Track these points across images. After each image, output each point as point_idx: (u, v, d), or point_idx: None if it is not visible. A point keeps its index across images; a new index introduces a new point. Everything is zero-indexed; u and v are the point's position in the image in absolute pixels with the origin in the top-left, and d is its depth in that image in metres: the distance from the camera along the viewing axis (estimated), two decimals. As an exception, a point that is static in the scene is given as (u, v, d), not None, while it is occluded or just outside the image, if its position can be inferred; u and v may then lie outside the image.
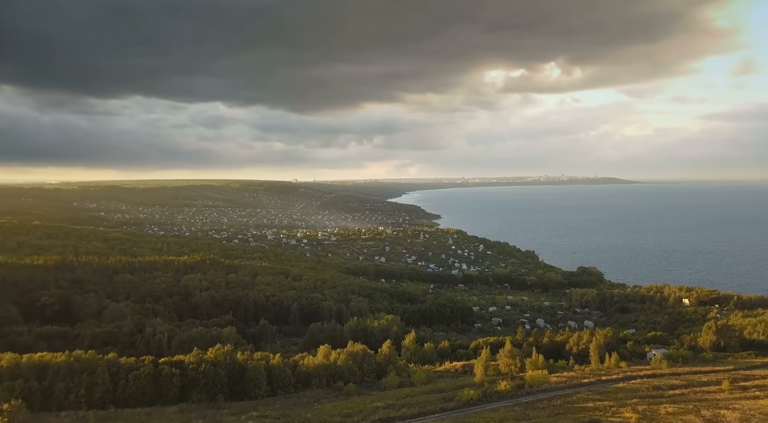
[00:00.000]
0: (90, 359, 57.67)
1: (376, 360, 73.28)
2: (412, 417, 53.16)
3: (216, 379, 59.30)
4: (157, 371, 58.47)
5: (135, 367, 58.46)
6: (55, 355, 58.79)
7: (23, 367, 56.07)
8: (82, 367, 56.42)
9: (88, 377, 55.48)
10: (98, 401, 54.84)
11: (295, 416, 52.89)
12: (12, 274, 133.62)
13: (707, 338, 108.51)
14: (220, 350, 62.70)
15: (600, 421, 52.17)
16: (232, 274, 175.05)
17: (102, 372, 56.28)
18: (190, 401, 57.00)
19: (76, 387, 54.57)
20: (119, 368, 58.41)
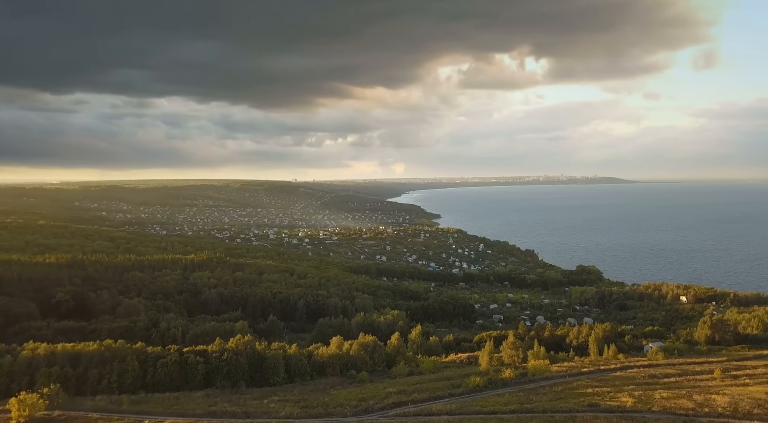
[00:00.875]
0: (120, 348, 61.36)
1: (386, 351, 77.06)
2: (422, 401, 56.87)
3: (238, 367, 63.01)
4: (182, 359, 62.15)
5: (162, 355, 62.14)
6: (87, 344, 62.50)
7: (58, 355, 59.73)
8: (112, 355, 60.07)
9: (119, 364, 59.20)
10: (129, 386, 58.57)
11: (314, 400, 56.65)
12: (27, 272, 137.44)
13: (702, 332, 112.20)
14: (240, 340, 66.45)
15: (598, 404, 55.87)
16: (238, 272, 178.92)
17: (132, 360, 59.99)
18: (215, 387, 60.73)
19: (108, 373, 58.28)
20: (147, 356, 62.09)
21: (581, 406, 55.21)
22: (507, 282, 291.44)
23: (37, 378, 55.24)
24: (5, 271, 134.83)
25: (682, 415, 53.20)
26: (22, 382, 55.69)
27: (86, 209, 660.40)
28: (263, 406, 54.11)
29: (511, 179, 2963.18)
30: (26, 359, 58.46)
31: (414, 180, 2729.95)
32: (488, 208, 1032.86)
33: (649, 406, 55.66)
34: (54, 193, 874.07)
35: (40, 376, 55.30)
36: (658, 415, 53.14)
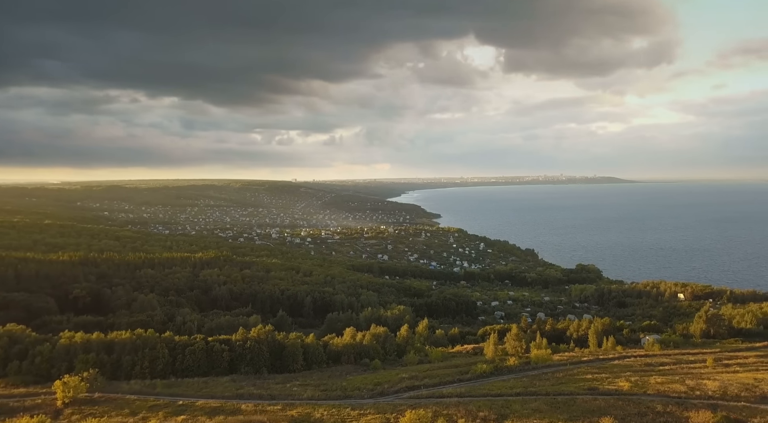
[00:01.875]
0: (150, 337, 65.38)
1: (396, 341, 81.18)
2: (433, 385, 61.00)
3: (260, 355, 67.05)
4: (208, 347, 66.19)
5: (189, 343, 66.17)
6: (119, 333, 66.55)
7: (93, 343, 63.74)
8: (143, 343, 64.10)
9: (150, 352, 63.24)
10: (160, 372, 62.59)
11: (332, 385, 60.77)
12: (44, 269, 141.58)
13: (698, 326, 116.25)
14: (262, 330, 70.50)
15: (597, 388, 60.03)
16: (246, 269, 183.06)
17: (161, 347, 64.00)
18: (239, 373, 64.77)
19: (141, 360, 62.31)
20: (175, 344, 66.12)
21: (581, 389, 59.38)
22: (508, 280, 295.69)
23: (75, 364, 59.21)
24: (23, 268, 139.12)
25: (675, 397, 57.32)
26: (61, 367, 59.74)
27: (89, 209, 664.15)
28: (286, 390, 58.24)
29: (510, 179, 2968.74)
30: (64, 347, 62.50)
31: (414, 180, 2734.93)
32: (488, 208, 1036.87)
33: (645, 389, 59.80)
34: (56, 192, 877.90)
35: (78, 362, 59.28)
36: (653, 397, 57.26)
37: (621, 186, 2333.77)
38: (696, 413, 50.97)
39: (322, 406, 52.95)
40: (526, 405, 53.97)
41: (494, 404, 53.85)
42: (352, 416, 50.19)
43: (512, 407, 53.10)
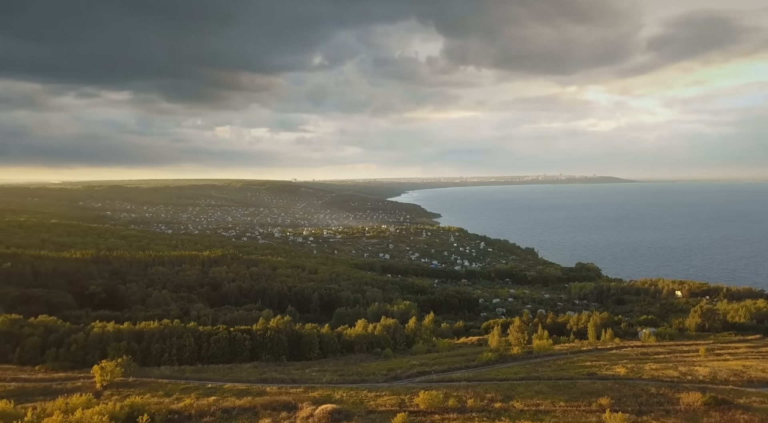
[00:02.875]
0: (177, 327, 69.56)
1: (405, 332, 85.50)
2: (443, 371, 65.27)
3: (279, 343, 71.25)
4: (231, 336, 70.39)
5: (214, 332, 70.38)
6: (148, 323, 70.72)
7: (124, 332, 67.91)
8: (171, 332, 68.27)
9: (177, 340, 67.41)
10: (187, 359, 66.74)
11: (348, 370, 65.04)
12: (60, 266, 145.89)
13: (693, 321, 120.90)
14: (281, 320, 74.77)
15: (596, 373, 64.36)
16: (253, 267, 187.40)
17: (188, 336, 68.18)
18: (260, 360, 68.91)
19: (169, 348, 66.46)
20: (200, 334, 70.31)
21: (581, 374, 63.73)
22: (508, 279, 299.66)
23: (108, 351, 63.40)
24: (39, 265, 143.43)
25: (667, 381, 61.66)
26: (95, 354, 63.86)
27: (91, 209, 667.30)
28: (306, 375, 62.48)
29: (510, 179, 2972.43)
30: (97, 335, 66.66)
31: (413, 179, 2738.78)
32: (488, 208, 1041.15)
33: (640, 375, 64.16)
34: (57, 192, 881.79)
35: (110, 349, 63.47)
36: (647, 381, 61.58)
37: (620, 186, 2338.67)
38: (687, 394, 55.26)
39: (341, 389, 57.20)
40: (529, 388, 58.27)
41: (500, 387, 58.18)
42: (370, 397, 54.36)
43: (517, 390, 57.37)
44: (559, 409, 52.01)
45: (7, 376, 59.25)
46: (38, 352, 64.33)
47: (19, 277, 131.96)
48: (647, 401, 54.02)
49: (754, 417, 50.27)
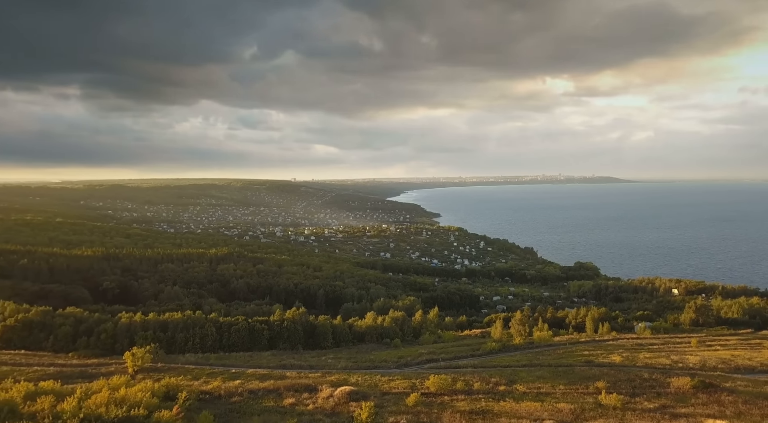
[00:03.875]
0: (199, 317, 73.80)
1: (412, 325, 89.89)
2: (450, 359, 69.55)
3: (295, 333, 75.51)
4: (250, 326, 74.62)
5: (234, 323, 74.62)
6: (172, 314, 74.89)
7: (150, 322, 72.11)
8: (193, 322, 72.48)
9: (200, 330, 71.64)
10: (210, 347, 70.93)
11: (361, 358, 69.28)
12: (74, 263, 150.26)
13: (687, 316, 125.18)
14: (296, 312, 79.10)
15: (593, 361, 68.66)
16: (259, 264, 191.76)
17: (209, 326, 72.42)
18: (277, 349, 73.12)
19: (192, 337, 70.65)
20: (221, 324, 74.54)
21: (579, 362, 68.04)
22: (508, 277, 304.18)
23: (136, 340, 67.63)
24: (54, 261, 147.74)
25: (660, 368, 66.00)
26: (123, 343, 68.04)
27: (93, 208, 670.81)
28: (322, 361, 66.71)
29: (509, 179, 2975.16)
30: (125, 325, 70.89)
31: (413, 179, 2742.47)
32: (487, 208, 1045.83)
33: (634, 363, 68.46)
34: (59, 191, 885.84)
35: (138, 338, 67.68)
36: (641, 368, 65.90)
37: (619, 186, 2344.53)
38: (677, 379, 59.59)
39: (355, 374, 61.48)
40: (531, 373, 62.60)
41: (504, 373, 62.48)
42: (383, 381, 58.68)
43: (519, 375, 61.70)
44: (559, 392, 56.27)
45: (45, 361, 63.49)
46: (70, 340, 68.48)
47: (35, 273, 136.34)
48: (640, 385, 58.27)
49: (738, 398, 54.57)
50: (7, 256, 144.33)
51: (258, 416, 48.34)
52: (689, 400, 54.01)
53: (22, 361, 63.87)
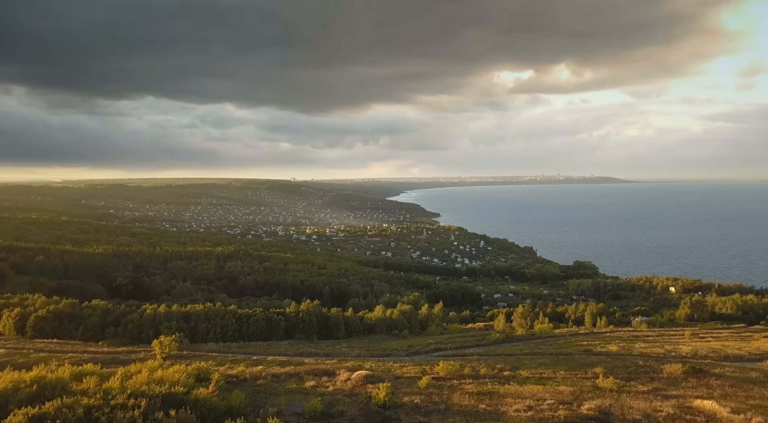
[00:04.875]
0: (219, 309, 78.06)
1: (419, 317, 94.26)
2: (457, 348, 73.79)
3: (310, 324, 79.77)
4: (268, 317, 78.89)
5: (252, 314, 78.89)
6: (194, 306, 79.10)
7: (174, 313, 76.30)
8: (214, 314, 76.71)
9: (221, 320, 75.85)
10: (230, 337, 75.10)
11: (373, 347, 73.49)
12: (87, 260, 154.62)
13: (683, 312, 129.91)
14: (311, 304, 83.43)
15: (591, 350, 72.93)
16: (265, 262, 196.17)
17: (230, 317, 76.66)
18: (293, 339, 77.35)
19: (213, 327, 74.84)
20: (240, 315, 78.80)
21: (578, 351, 72.32)
22: (508, 276, 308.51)
23: (161, 329, 71.83)
24: (69, 259, 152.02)
25: (654, 356, 70.26)
26: (149, 332, 72.19)
27: (94, 207, 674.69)
28: (336, 350, 70.94)
29: (508, 179, 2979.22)
30: (150, 315, 75.07)
31: (412, 179, 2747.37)
32: (487, 207, 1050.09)
33: (630, 352, 72.74)
34: (60, 191, 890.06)
35: (163, 328, 71.88)
36: (636, 356, 70.15)
37: (618, 186, 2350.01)
38: (669, 365, 63.83)
39: (369, 361, 65.66)
40: (533, 360, 66.83)
41: (508, 360, 66.69)
42: (396, 367, 62.88)
43: (522, 362, 65.90)
44: (560, 376, 60.46)
45: (78, 349, 67.70)
46: (99, 330, 72.60)
47: (51, 269, 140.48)
48: (635, 371, 62.48)
49: (725, 382, 58.83)
50: (22, 253, 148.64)
51: (283, 396, 52.56)
52: (680, 384, 58.21)
53: (57, 348, 68.14)
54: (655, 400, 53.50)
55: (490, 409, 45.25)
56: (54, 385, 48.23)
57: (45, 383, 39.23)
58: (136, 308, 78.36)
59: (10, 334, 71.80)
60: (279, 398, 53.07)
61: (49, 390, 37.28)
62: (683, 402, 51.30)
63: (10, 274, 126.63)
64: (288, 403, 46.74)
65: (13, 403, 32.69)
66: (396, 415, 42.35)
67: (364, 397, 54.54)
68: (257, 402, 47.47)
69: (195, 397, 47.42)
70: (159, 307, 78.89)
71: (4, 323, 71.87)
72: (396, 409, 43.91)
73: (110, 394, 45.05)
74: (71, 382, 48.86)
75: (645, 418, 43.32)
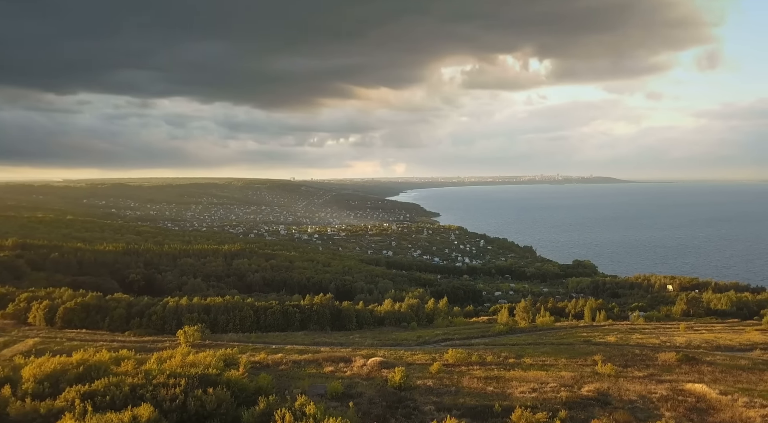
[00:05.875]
0: (237, 302, 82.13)
1: (425, 311, 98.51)
2: (463, 338, 77.85)
3: (323, 316, 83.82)
4: (284, 309, 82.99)
5: (269, 306, 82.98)
6: (213, 299, 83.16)
7: (195, 306, 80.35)
8: (233, 306, 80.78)
9: (239, 313, 79.92)
10: (248, 328, 79.06)
11: (384, 337, 77.53)
12: (100, 257, 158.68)
13: (679, 307, 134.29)
14: (324, 297, 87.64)
15: (591, 340, 77.07)
16: (271, 260, 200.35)
17: (248, 309, 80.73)
18: (309, 329, 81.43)
19: (233, 319, 78.87)
20: (257, 308, 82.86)
21: (578, 341, 76.50)
22: (508, 275, 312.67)
23: (183, 321, 75.82)
24: (82, 256, 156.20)
25: (650, 346, 74.41)
26: (172, 324, 76.11)
27: (96, 206, 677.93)
28: (350, 340, 74.97)
29: (507, 179, 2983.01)
30: (173, 308, 79.09)
31: (411, 179, 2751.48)
32: (486, 207, 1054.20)
33: (627, 342, 76.89)
34: (61, 190, 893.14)
35: (185, 319, 75.88)
36: (633, 346, 74.29)
37: (617, 186, 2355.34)
38: (664, 354, 67.98)
39: (381, 349, 69.73)
40: (536, 349, 70.98)
41: (512, 349, 70.82)
42: (407, 355, 66.94)
43: (526, 351, 70.02)
44: (561, 364, 64.57)
45: (106, 338, 71.70)
46: (123, 321, 76.58)
47: (65, 266, 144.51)
48: (632, 358, 66.64)
49: (716, 369, 63.00)
50: (37, 250, 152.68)
51: (305, 379, 56.64)
52: (673, 370, 62.35)
53: (87, 337, 72.14)
54: (649, 383, 57.82)
55: (497, 391, 49.42)
56: (98, 366, 52.56)
57: (90, 365, 42.55)
58: (159, 301, 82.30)
59: (40, 324, 75.79)
60: (302, 381, 57.23)
61: (94, 371, 39.85)
62: (676, 385, 55.48)
63: (26, 271, 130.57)
64: (311, 385, 50.61)
65: (64, 382, 34.81)
66: (411, 395, 45.90)
67: (380, 381, 58.85)
68: (282, 384, 51.39)
69: (227, 378, 51.58)
70: (181, 299, 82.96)
71: (33, 315, 75.84)
72: (411, 391, 47.47)
73: (150, 374, 49.26)
74: (111, 365, 53.08)
75: (640, 399, 47.51)
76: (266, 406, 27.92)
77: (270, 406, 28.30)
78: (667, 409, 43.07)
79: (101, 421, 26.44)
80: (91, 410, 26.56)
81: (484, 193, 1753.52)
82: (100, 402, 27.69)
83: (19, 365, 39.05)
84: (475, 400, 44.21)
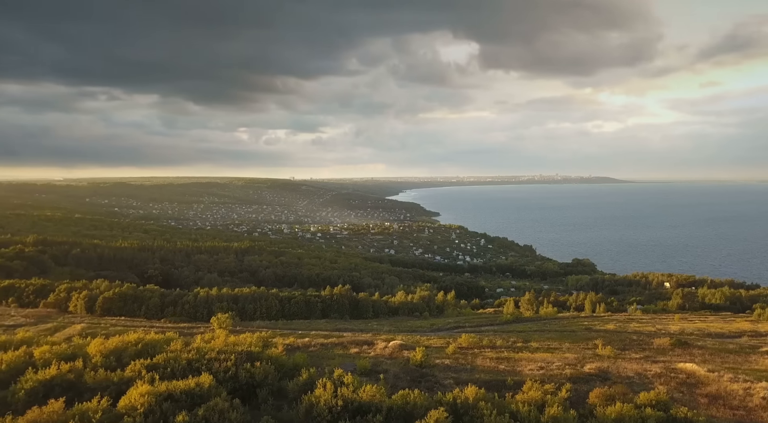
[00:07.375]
0: (263, 292, 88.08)
1: (436, 302, 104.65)
2: (473, 326, 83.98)
3: (343, 305, 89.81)
4: (306, 298, 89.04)
5: (292, 296, 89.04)
6: (241, 289, 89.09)
7: (224, 296, 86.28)
8: (259, 296, 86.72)
9: (265, 302, 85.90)
10: (274, 316, 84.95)
11: (400, 325, 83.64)
12: (119, 253, 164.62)
13: (675, 302, 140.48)
14: (342, 288, 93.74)
15: (592, 328, 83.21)
16: (281, 257, 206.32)
17: (273, 298, 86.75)
18: (330, 317, 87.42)
19: (259, 308, 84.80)
20: (281, 298, 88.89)
21: (580, 328, 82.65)
22: (508, 273, 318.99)
23: (214, 309, 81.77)
24: (102, 252, 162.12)
25: (646, 333, 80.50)
26: (203, 312, 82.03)
27: (99, 205, 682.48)
28: (368, 326, 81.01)
29: (506, 178, 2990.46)
30: (203, 297, 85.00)
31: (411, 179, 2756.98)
32: (486, 207, 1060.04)
33: (625, 329, 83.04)
34: (64, 189, 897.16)
35: (215, 308, 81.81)
36: (631, 333, 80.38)
37: (616, 186, 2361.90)
38: (658, 339, 74.09)
39: (399, 334, 75.64)
40: (542, 335, 76.97)
41: (520, 335, 76.81)
42: (423, 339, 72.87)
43: (533, 336, 76.01)
44: (565, 347, 70.60)
45: (145, 324, 77.57)
46: (158, 310, 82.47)
47: (87, 261, 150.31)
48: (629, 343, 72.71)
49: (705, 352, 69.00)
50: (59, 246, 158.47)
51: (335, 359, 62.65)
52: (667, 353, 68.44)
53: (127, 323, 78.10)
54: (645, 363, 64.10)
55: (508, 369, 55.70)
56: (154, 344, 58.94)
57: (146, 342, 48.21)
58: (189, 291, 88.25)
59: (82, 312, 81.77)
60: (332, 360, 63.31)
61: (151, 348, 44.99)
62: (669, 365, 61.60)
63: (51, 265, 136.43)
64: (341, 364, 56.97)
65: (126, 357, 40.03)
66: (431, 372, 52.31)
67: (402, 360, 65.17)
68: (314, 363, 57.58)
69: (268, 355, 57.65)
70: (211, 289, 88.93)
71: (74, 303, 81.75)
72: (431, 368, 53.90)
73: (202, 351, 55.24)
74: (163, 344, 59.04)
75: (637, 376, 53.83)
76: (308, 377, 30.90)
77: (312, 376, 31.02)
78: (660, 383, 49.27)
79: (170, 386, 31.51)
80: (158, 378, 29.64)
81: (484, 192, 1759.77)
82: (162, 373, 30.45)
83: (80, 344, 44.51)
84: (489, 376, 50.32)
